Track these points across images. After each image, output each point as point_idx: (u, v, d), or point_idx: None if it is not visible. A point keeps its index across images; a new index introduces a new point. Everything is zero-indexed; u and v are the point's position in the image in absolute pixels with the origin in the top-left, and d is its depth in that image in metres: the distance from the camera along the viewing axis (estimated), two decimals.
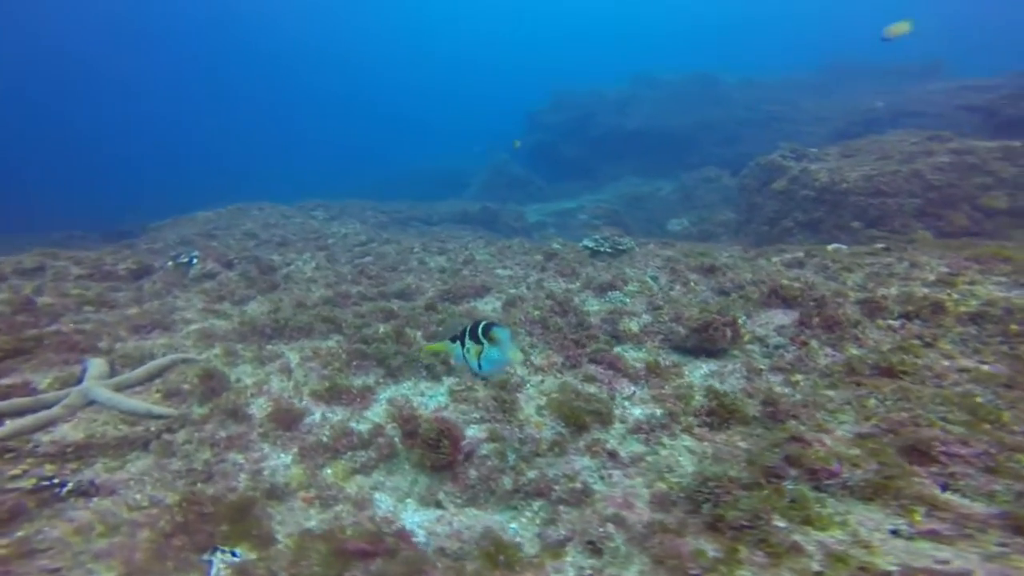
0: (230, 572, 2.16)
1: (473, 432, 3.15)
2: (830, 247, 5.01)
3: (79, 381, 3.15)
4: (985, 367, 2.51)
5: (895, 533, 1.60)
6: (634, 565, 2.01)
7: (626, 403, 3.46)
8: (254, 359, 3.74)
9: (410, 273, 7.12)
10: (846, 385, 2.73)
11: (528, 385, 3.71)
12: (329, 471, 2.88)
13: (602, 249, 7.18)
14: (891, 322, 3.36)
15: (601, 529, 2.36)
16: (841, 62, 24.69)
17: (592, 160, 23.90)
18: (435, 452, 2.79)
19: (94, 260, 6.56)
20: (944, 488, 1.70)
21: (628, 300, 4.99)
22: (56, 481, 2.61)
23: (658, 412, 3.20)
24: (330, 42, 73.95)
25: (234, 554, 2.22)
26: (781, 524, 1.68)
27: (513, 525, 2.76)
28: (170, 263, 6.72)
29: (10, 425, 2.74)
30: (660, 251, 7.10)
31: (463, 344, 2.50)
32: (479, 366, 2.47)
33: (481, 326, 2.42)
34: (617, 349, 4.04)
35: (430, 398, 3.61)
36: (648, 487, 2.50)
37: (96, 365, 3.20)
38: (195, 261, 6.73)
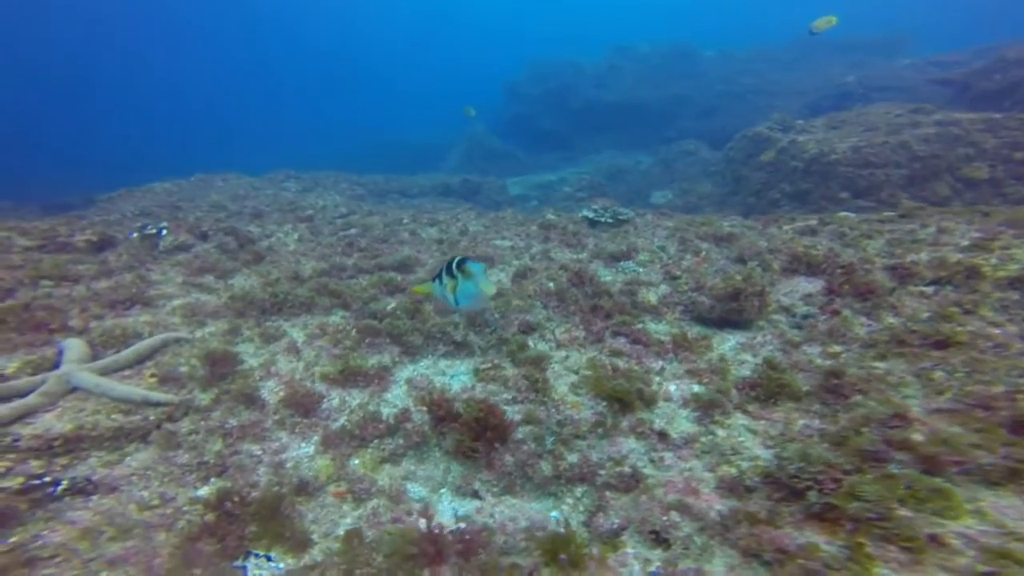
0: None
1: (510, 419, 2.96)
2: (840, 214, 4.98)
3: (56, 365, 2.74)
4: None
5: None
6: (717, 558, 1.87)
7: (657, 378, 3.34)
8: (255, 337, 3.39)
9: (404, 245, 6.74)
10: (896, 356, 2.68)
11: (552, 361, 3.53)
12: (357, 461, 2.64)
13: (602, 219, 7.01)
14: (923, 288, 3.34)
15: (664, 517, 2.24)
16: (810, 35, 24.85)
17: (571, 133, 23.61)
18: (479, 440, 2.58)
19: (44, 231, 5.85)
20: None
21: (641, 270, 4.84)
22: (48, 479, 2.27)
23: (696, 388, 3.10)
24: (297, 7, 68.64)
25: (269, 558, 1.97)
26: (907, 513, 1.57)
27: (554, 513, 2.62)
28: (136, 234, 6.08)
29: None
30: (661, 221, 6.98)
31: (441, 281, 2.47)
32: (456, 301, 2.43)
33: (456, 261, 2.36)
34: (640, 323, 3.90)
35: (452, 377, 3.38)
36: (711, 471, 2.39)
37: (74, 347, 2.78)
38: (164, 232, 6.11)
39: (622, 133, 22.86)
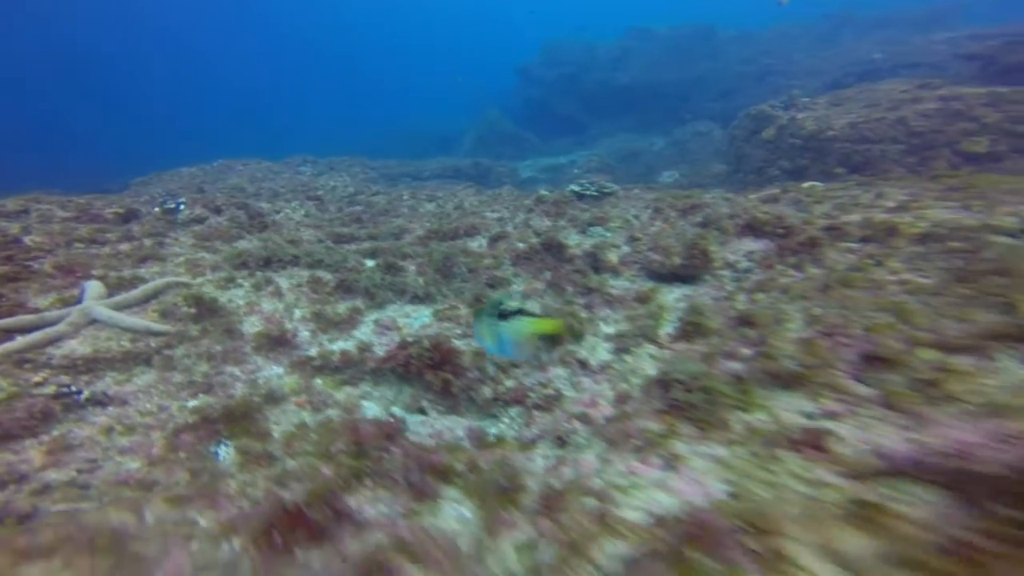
0: (235, 456, 2.39)
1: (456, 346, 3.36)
2: (805, 184, 5.14)
3: (78, 301, 3.29)
4: (921, 280, 2.71)
5: (809, 416, 1.87)
6: (592, 449, 2.24)
7: (600, 323, 3.68)
8: (246, 283, 3.89)
9: (399, 217, 7.19)
10: (799, 299, 2.94)
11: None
12: (320, 381, 3.10)
13: (588, 192, 7.26)
14: (851, 245, 3.55)
15: (568, 425, 2.61)
16: (843, 12, 23.92)
17: (585, 116, 23.53)
18: (436, 374, 3.01)
19: (80, 204, 6.55)
20: (859, 380, 1.95)
21: (609, 234, 5.13)
22: (74, 389, 2.80)
23: (627, 328, 3.42)
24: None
25: (226, 444, 2.44)
26: (727, 411, 1.92)
27: (492, 430, 3.02)
28: (157, 208, 6.72)
29: (22, 340, 2.89)
30: (644, 194, 7.19)
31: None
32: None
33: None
34: (597, 277, 4.22)
35: (415, 319, 3.80)
36: (612, 389, 2.74)
37: (94, 287, 3.32)
38: (183, 207, 6.73)
39: (637, 116, 22.65)
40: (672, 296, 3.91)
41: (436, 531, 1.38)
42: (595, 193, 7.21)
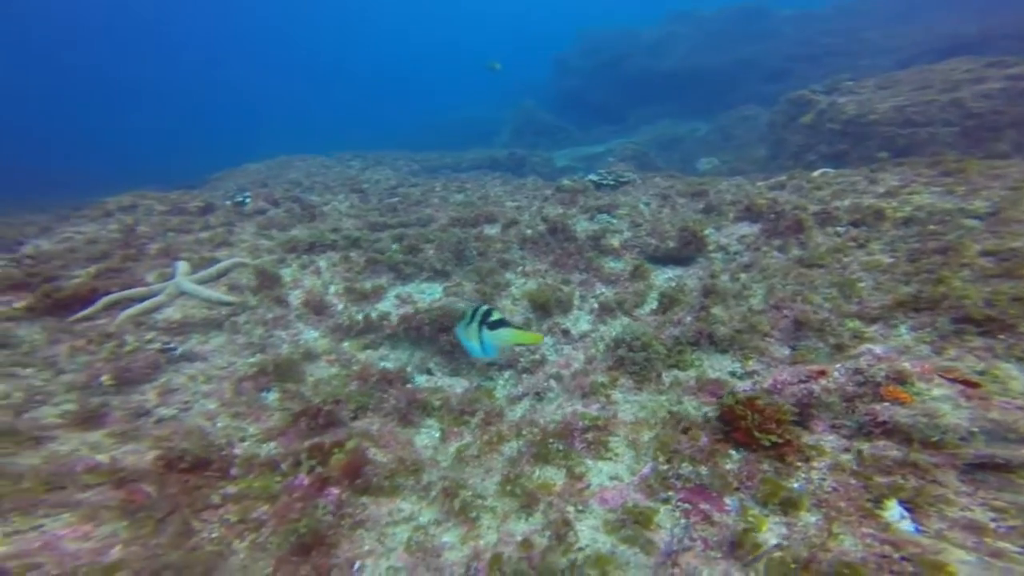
0: (278, 395, 3.07)
1: None
2: (816, 172, 5.19)
3: (172, 277, 4.14)
4: (886, 259, 2.91)
5: (733, 374, 2.22)
6: (554, 402, 2.70)
7: (593, 300, 4.08)
8: (293, 264, 4.64)
9: (429, 207, 7.83)
10: (770, 278, 3.21)
11: (512, 286, 4.38)
12: (347, 344, 3.74)
13: (605, 182, 7.54)
14: (838, 228, 3.71)
15: (545, 383, 3.07)
16: None
17: (624, 104, 23.17)
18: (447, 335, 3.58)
19: (173, 200, 7.73)
20: (789, 344, 2.28)
21: (615, 220, 5.46)
22: (172, 346, 3.61)
23: (612, 302, 3.81)
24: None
25: (273, 390, 3.12)
26: (664, 368, 2.33)
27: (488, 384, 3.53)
28: (228, 202, 7.77)
29: (138, 307, 3.79)
30: (663, 182, 7.37)
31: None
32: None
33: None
34: (597, 259, 4.59)
35: (428, 295, 4.37)
36: (584, 352, 3.17)
37: (182, 265, 4.17)
38: (248, 201, 7.73)
39: (680, 102, 22.05)
40: (663, 276, 4.22)
41: (401, 434, 1.91)
42: (612, 182, 7.47)
